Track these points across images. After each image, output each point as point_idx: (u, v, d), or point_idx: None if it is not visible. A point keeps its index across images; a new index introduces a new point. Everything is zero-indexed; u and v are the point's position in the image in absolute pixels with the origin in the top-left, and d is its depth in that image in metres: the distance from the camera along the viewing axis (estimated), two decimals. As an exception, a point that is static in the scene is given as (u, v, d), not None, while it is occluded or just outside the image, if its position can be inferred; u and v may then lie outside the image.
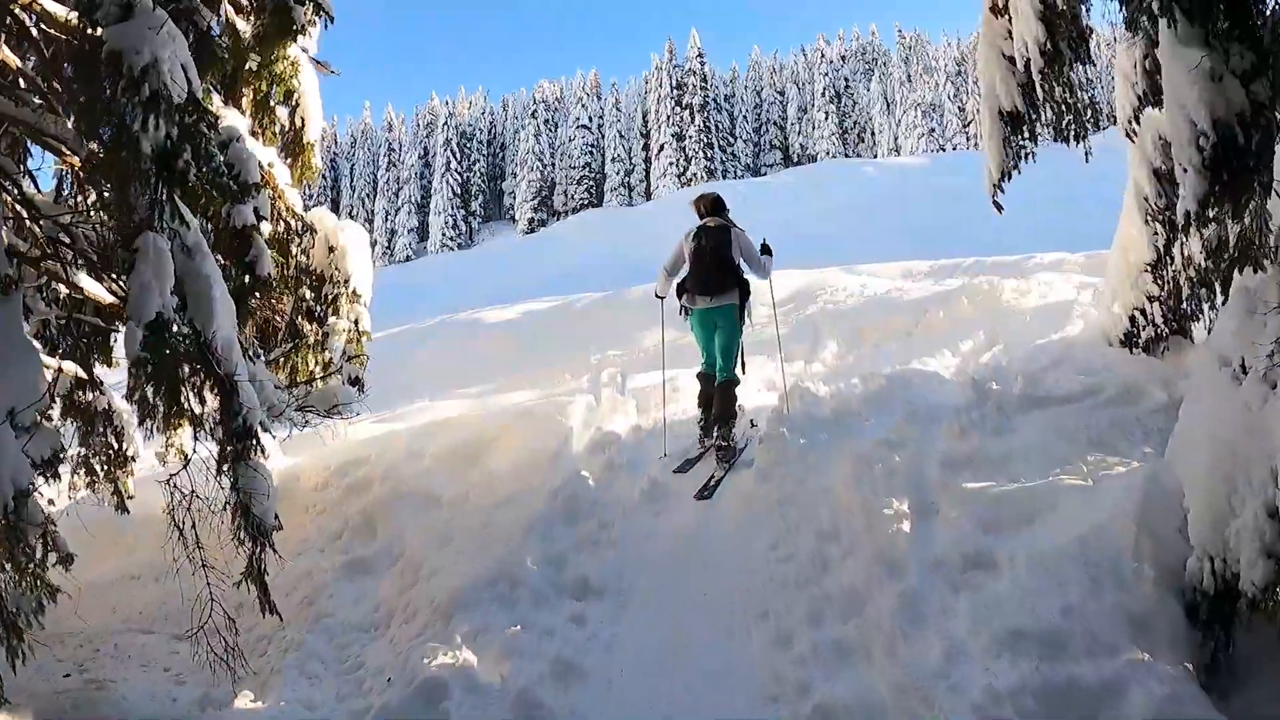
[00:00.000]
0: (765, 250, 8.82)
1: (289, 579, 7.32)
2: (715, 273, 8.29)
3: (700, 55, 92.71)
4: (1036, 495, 5.60)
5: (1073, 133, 8.30)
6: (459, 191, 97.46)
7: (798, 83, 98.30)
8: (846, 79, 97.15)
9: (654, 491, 7.62)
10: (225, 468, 5.29)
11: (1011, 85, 7.99)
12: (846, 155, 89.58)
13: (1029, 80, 7.88)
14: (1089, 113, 8.17)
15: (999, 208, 8.49)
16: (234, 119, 7.30)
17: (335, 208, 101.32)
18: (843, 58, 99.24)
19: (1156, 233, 7.59)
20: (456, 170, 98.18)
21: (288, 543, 8.31)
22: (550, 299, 23.35)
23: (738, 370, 8.54)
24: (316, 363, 8.13)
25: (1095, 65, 8.01)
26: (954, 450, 6.54)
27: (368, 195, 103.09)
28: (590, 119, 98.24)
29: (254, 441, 5.27)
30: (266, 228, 7.14)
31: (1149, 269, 7.68)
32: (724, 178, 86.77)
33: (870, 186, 65.05)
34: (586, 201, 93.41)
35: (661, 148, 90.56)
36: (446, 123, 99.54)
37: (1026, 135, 8.35)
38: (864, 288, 17.94)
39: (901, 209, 56.63)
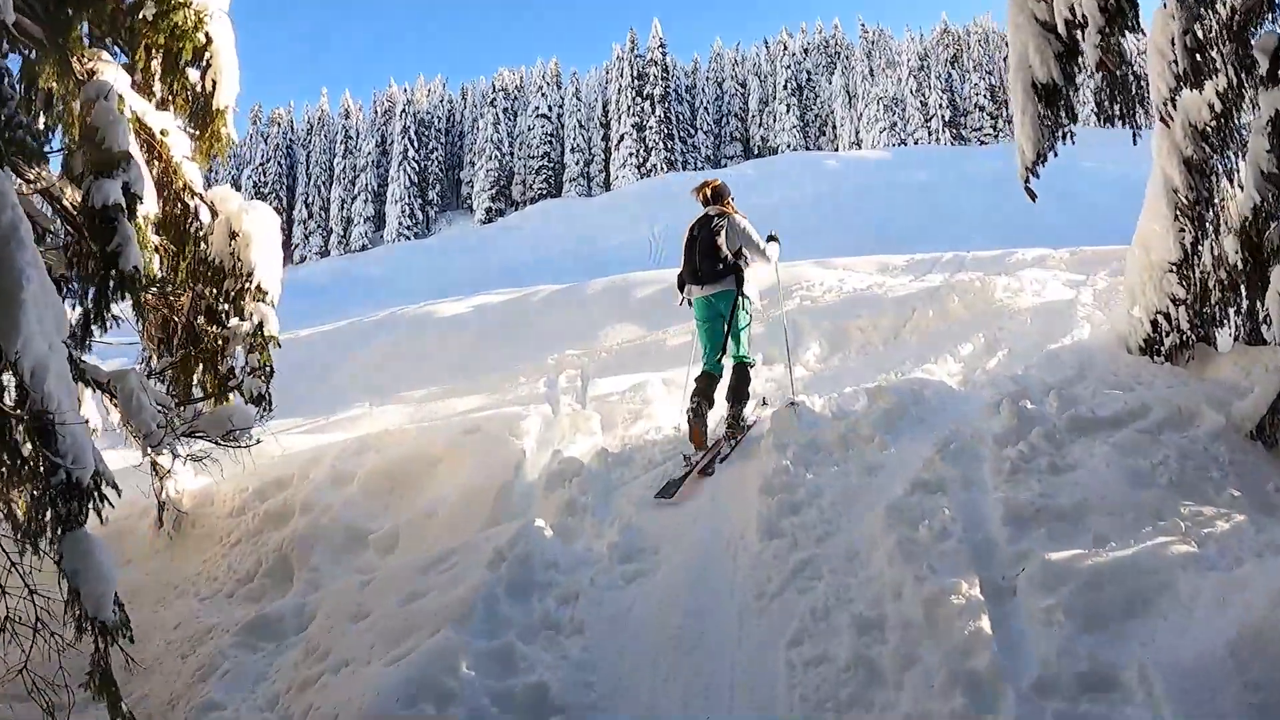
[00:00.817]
0: (771, 239, 8.82)
1: (191, 633, 6.16)
2: (705, 261, 8.05)
3: (662, 46, 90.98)
4: (1140, 569, 4.28)
5: (1119, 110, 7.18)
6: (416, 180, 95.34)
7: (759, 75, 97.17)
8: (808, 72, 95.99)
9: (629, 544, 5.98)
10: (48, 538, 3.76)
11: (1048, 54, 6.94)
12: (807, 148, 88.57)
13: (1067, 48, 6.82)
14: (1136, 87, 7.17)
15: (1032, 195, 7.45)
16: (111, 73, 5.81)
17: (291, 195, 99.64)
18: (805, 51, 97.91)
19: (1184, 229, 6.87)
20: (414, 158, 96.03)
21: (197, 581, 7.13)
22: (506, 291, 21.76)
23: (752, 354, 8.52)
24: (214, 375, 6.58)
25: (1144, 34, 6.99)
26: (1014, 500, 5.16)
27: (324, 183, 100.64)
28: (550, 108, 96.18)
29: (85, 504, 3.74)
30: (149, 208, 5.66)
31: (1174, 269, 7.00)
32: (684, 169, 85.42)
33: (833, 180, 63.74)
34: (545, 191, 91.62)
35: (621, 138, 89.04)
36: (405, 110, 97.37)
37: (1064, 111, 7.19)
38: (842, 283, 16.55)
39: (865, 203, 55.53)
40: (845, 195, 58.41)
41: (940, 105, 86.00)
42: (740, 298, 8.06)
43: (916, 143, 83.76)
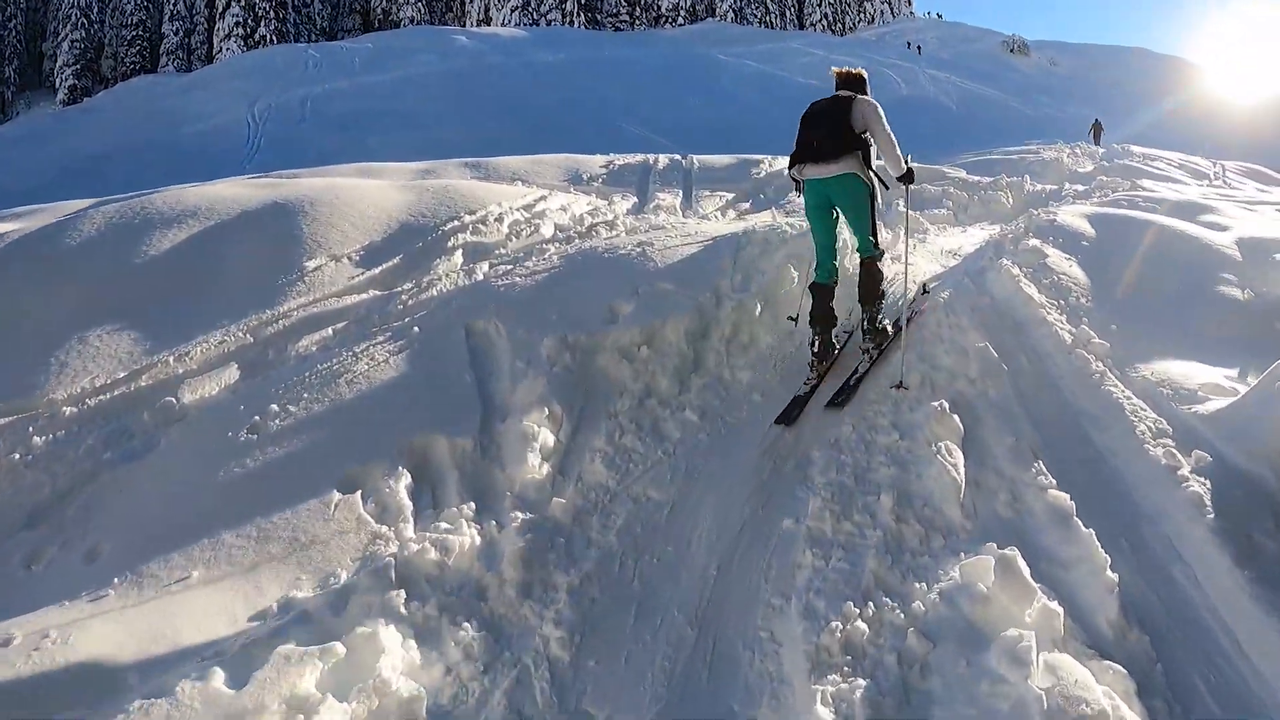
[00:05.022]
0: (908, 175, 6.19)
1: None
2: (826, 137, 5.81)
3: (278, -96, 79.72)
4: None
5: None
6: (-12, 53, 79.77)
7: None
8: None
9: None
10: None
11: None
12: (432, 23, 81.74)
13: None
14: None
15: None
16: None
17: None
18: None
19: None
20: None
21: None
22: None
23: (880, 243, 6.02)
24: None
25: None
26: None
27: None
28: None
29: None
30: None
31: None
32: (296, 41, 75.67)
33: (463, 57, 56.46)
34: (139, 66, 79.54)
35: (228, 5, 78.03)
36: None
37: None
38: (534, 213, 9.02)
39: (500, 84, 48.93)
40: (478, 74, 52.27)
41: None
42: (865, 185, 5.81)
43: (549, 24, 77.40)
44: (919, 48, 76.28)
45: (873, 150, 5.87)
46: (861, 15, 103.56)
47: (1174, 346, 5.53)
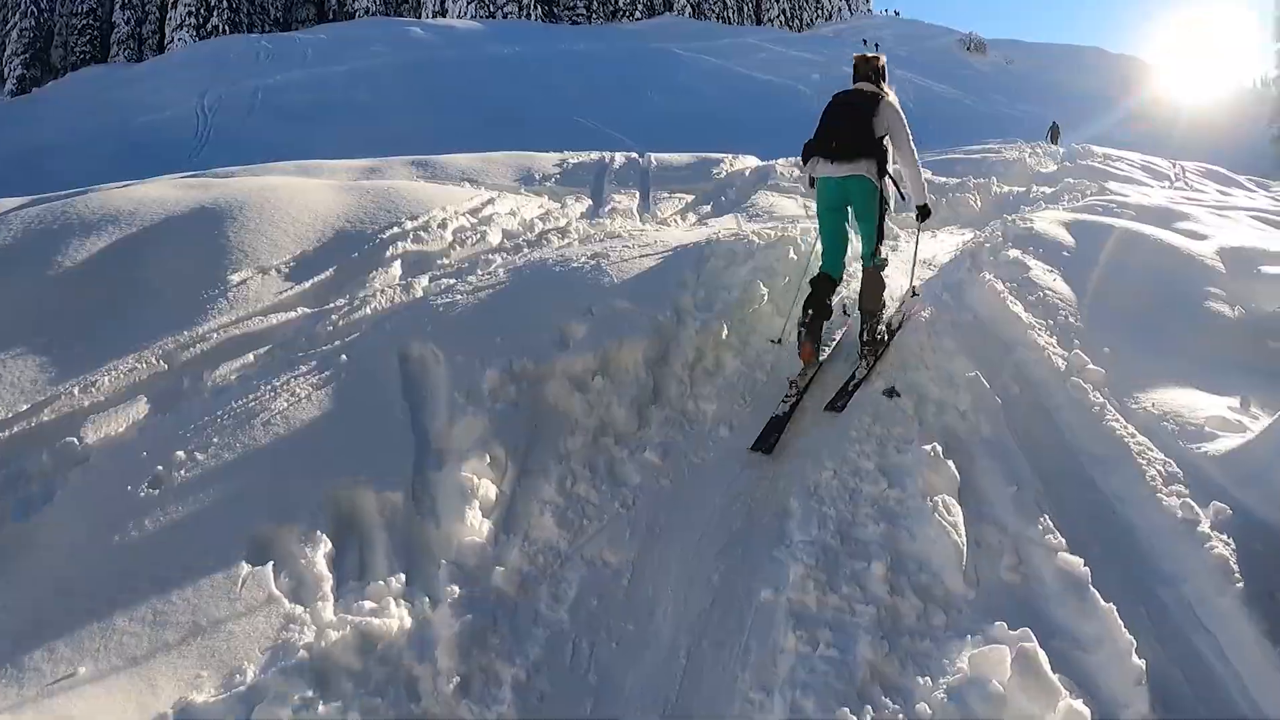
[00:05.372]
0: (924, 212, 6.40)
1: None
2: (846, 135, 5.56)
3: (236, -108, 78.09)
4: None
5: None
6: (-65, 43, 77.99)
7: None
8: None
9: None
10: None
11: None
12: (387, 14, 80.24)
13: None
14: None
15: None
16: None
17: None
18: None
19: None
20: (-66, 15, 78.43)
21: None
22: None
23: (883, 254, 5.82)
24: None
25: None
26: None
27: None
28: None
29: None
30: None
31: None
32: (249, 31, 74.28)
33: (418, 50, 55.58)
34: (90, 55, 77.81)
35: None
36: (-76, -46, 79.00)
37: None
38: (483, 217, 8.47)
39: (456, 77, 48.18)
40: (433, 66, 51.54)
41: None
42: (880, 189, 5.55)
43: (506, 16, 76.27)
44: (876, 45, 76.32)
45: (890, 159, 5.66)
46: (819, 12, 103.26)
47: (1170, 371, 5.19)
